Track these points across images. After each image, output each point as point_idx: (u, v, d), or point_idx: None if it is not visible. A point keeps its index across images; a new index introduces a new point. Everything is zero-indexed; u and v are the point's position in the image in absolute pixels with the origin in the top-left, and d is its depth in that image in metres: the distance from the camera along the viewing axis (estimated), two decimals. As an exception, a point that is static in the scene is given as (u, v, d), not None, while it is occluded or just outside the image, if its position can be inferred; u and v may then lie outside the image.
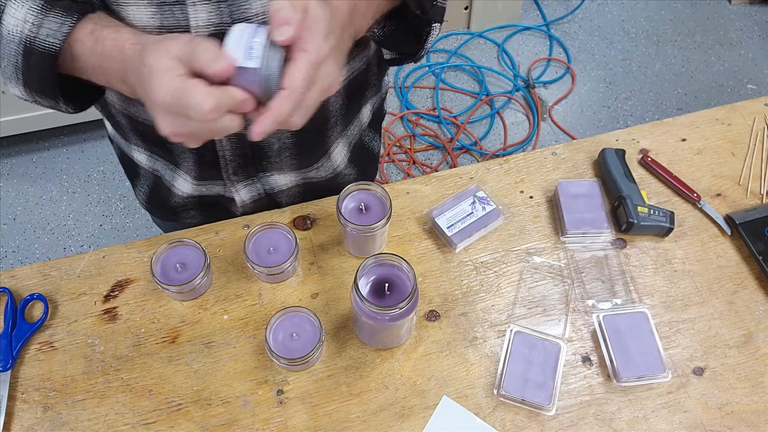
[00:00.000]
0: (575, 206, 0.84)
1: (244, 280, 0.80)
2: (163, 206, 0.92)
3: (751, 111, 0.97)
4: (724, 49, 2.36)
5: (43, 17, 0.60)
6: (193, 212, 0.92)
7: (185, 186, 0.86)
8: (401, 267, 0.69)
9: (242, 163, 0.81)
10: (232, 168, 0.81)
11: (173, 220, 0.95)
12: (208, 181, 0.85)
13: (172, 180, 0.87)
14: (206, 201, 0.89)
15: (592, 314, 0.78)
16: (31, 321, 0.76)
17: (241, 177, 0.83)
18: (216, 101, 0.50)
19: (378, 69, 0.88)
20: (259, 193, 0.87)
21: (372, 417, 0.71)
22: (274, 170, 0.84)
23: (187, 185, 0.86)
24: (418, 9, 0.67)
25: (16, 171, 2.02)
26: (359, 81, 0.83)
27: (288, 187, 0.88)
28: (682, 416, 0.71)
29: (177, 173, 0.85)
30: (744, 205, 0.87)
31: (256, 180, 0.85)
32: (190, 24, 0.62)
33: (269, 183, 0.86)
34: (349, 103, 0.83)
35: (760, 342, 0.77)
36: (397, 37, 0.74)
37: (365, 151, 0.97)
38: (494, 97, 2.21)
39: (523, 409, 0.72)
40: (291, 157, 0.83)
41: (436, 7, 0.70)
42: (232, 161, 0.80)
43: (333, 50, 0.55)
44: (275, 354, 0.70)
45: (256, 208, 0.89)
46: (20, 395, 0.72)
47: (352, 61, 0.79)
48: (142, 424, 0.70)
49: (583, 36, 2.39)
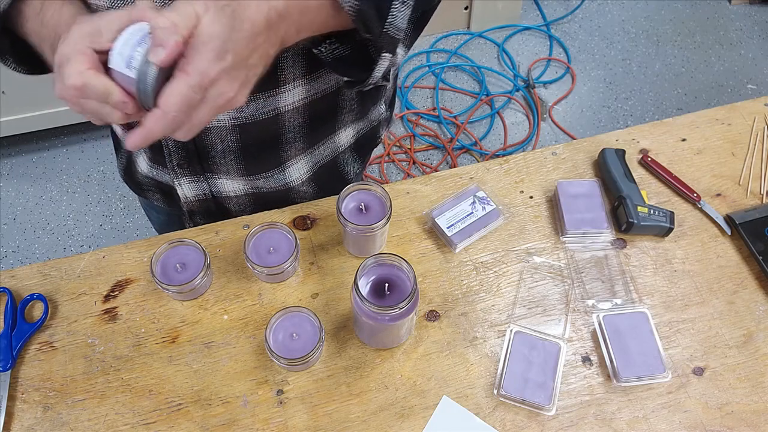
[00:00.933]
0: (575, 206, 0.84)
1: (244, 280, 0.80)
2: (133, 179, 0.94)
3: (751, 111, 0.97)
4: (724, 49, 2.36)
5: None
6: (157, 195, 0.93)
7: (143, 165, 0.88)
8: (401, 267, 0.69)
9: (186, 156, 0.80)
10: (176, 159, 0.81)
11: (143, 196, 0.97)
12: (159, 166, 0.86)
13: (136, 155, 0.89)
14: (162, 187, 0.90)
15: (592, 314, 0.78)
16: (31, 321, 0.76)
17: (186, 171, 0.83)
18: (83, 82, 0.52)
19: (360, 96, 0.85)
20: (204, 193, 0.86)
21: (372, 417, 0.71)
22: (221, 173, 0.84)
23: (144, 164, 0.88)
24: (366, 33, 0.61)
25: (16, 171, 2.02)
26: (327, 102, 0.81)
27: (236, 195, 0.87)
28: (682, 416, 0.71)
29: (138, 150, 0.87)
30: (744, 205, 0.87)
31: (203, 179, 0.84)
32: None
33: (216, 186, 0.86)
34: (312, 122, 0.81)
35: (760, 342, 0.77)
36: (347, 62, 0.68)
37: (336, 173, 0.93)
38: (494, 97, 2.21)
39: (523, 409, 0.72)
40: (236, 161, 0.82)
41: (385, 35, 0.62)
42: (175, 152, 0.80)
43: (229, 69, 0.52)
44: (275, 354, 0.70)
45: (203, 209, 0.88)
46: (20, 395, 0.72)
47: (312, 81, 0.76)
48: (142, 424, 0.70)
49: (583, 36, 2.39)
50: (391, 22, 0.62)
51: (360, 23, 0.59)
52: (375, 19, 0.60)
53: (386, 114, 0.97)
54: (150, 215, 1.11)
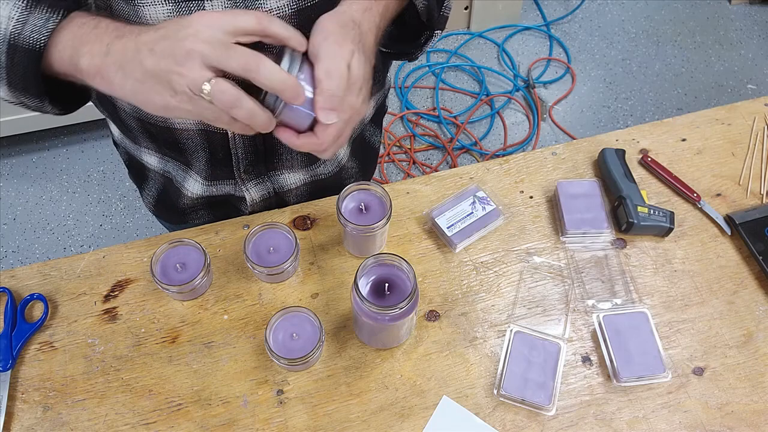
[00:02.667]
0: (575, 206, 0.84)
1: (244, 280, 0.80)
2: (172, 208, 0.92)
3: (751, 111, 0.97)
4: (724, 49, 2.36)
5: (28, 14, 0.60)
6: (201, 212, 0.93)
7: (195, 187, 0.86)
8: (401, 267, 0.69)
9: (254, 160, 0.81)
10: (243, 166, 0.81)
11: (181, 222, 0.96)
12: (220, 180, 0.85)
13: (182, 181, 0.87)
14: (215, 201, 0.89)
15: (592, 314, 0.78)
16: (31, 321, 0.76)
17: (252, 175, 0.84)
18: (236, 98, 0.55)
19: (382, 65, 0.88)
20: (268, 191, 0.87)
21: (372, 417, 0.71)
22: (284, 168, 0.85)
23: (198, 186, 0.86)
24: (425, 18, 0.69)
25: (16, 171, 2.02)
26: None
27: (296, 186, 0.88)
28: (682, 416, 0.71)
29: (188, 174, 0.86)
30: (744, 205, 0.87)
31: (266, 178, 0.85)
32: None
33: (279, 182, 0.86)
34: None
35: (760, 342, 0.77)
36: (395, 38, 0.75)
37: (366, 145, 0.97)
38: (494, 97, 2.21)
39: (523, 409, 0.72)
40: (301, 154, 0.83)
41: (442, 16, 0.71)
42: (244, 159, 0.80)
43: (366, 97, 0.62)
44: (275, 354, 0.70)
45: (265, 207, 0.89)
46: (20, 395, 0.72)
47: None
48: (142, 424, 0.70)
49: (583, 36, 2.39)
50: (447, 4, 0.74)
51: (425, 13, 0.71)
52: (436, 7, 0.72)
53: (390, 81, 1.00)
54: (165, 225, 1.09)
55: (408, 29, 0.76)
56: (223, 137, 0.77)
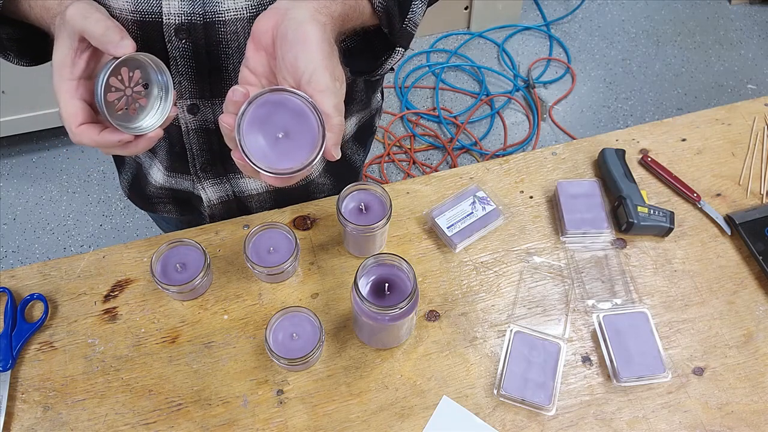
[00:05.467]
0: (575, 206, 0.84)
1: (244, 280, 0.80)
2: (141, 195, 0.93)
3: (751, 111, 0.97)
4: (724, 49, 2.36)
5: None
6: (169, 206, 0.93)
7: (158, 176, 0.87)
8: (401, 267, 0.69)
9: (210, 159, 0.80)
10: (199, 163, 0.81)
11: (151, 211, 0.96)
12: (178, 174, 0.85)
13: (149, 168, 0.88)
14: (179, 196, 0.89)
15: (592, 314, 0.78)
16: (31, 321, 0.76)
17: (209, 174, 0.83)
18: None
19: (365, 85, 0.87)
20: (227, 194, 0.86)
21: (372, 417, 0.71)
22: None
23: (160, 175, 0.86)
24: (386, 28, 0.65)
25: (16, 171, 2.02)
26: None
27: (257, 193, 0.87)
28: (682, 416, 0.71)
29: (153, 162, 0.86)
30: (744, 205, 0.87)
31: (225, 180, 0.84)
32: (163, 11, 0.63)
33: (239, 185, 0.85)
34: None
35: (760, 342, 0.77)
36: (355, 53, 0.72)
37: (345, 163, 0.95)
38: (494, 97, 2.21)
39: (523, 409, 0.72)
40: None
41: (404, 30, 0.67)
42: (199, 156, 0.80)
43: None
44: (275, 354, 0.70)
45: (224, 210, 0.88)
46: (20, 395, 0.72)
47: None
48: (142, 424, 0.70)
49: (583, 36, 2.39)
50: (411, 18, 0.66)
51: (385, 19, 0.64)
52: (397, 15, 0.65)
53: (380, 102, 0.99)
54: (160, 225, 1.10)
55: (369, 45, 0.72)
56: (177, 130, 0.76)
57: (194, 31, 0.65)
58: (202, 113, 0.74)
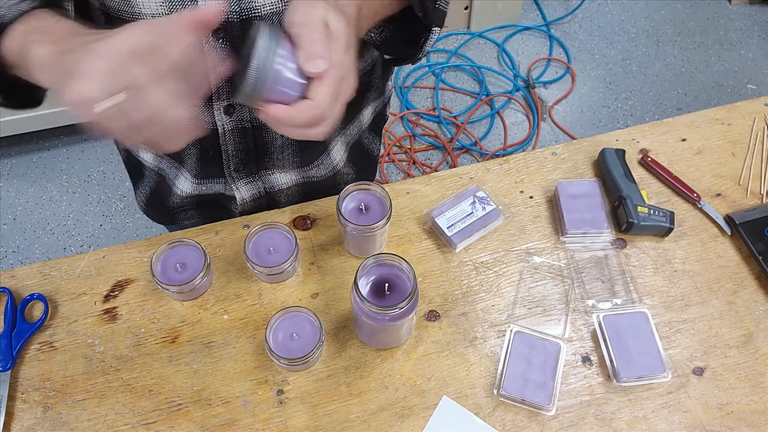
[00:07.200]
0: (575, 206, 0.84)
1: (244, 280, 0.80)
2: (162, 208, 0.92)
3: (751, 111, 0.97)
4: (724, 49, 2.36)
5: None
6: (191, 212, 0.93)
7: (186, 185, 0.86)
8: (401, 267, 0.69)
9: (244, 159, 0.81)
10: (234, 164, 0.81)
11: (171, 223, 0.96)
12: (210, 179, 0.85)
13: (174, 179, 0.87)
14: (205, 200, 0.89)
15: (592, 314, 0.78)
16: (31, 321, 0.76)
17: (242, 174, 0.83)
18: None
19: (382, 72, 0.88)
20: (259, 191, 0.87)
21: (372, 417, 0.71)
22: (275, 168, 0.84)
23: (188, 184, 0.86)
24: (420, 11, 0.67)
25: (16, 171, 2.02)
26: (362, 82, 0.83)
27: (287, 186, 0.88)
28: (682, 416, 0.71)
29: (180, 171, 0.86)
30: (744, 205, 0.87)
31: (257, 178, 0.85)
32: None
33: (270, 181, 0.86)
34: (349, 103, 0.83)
35: (760, 342, 0.77)
36: (394, 41, 0.74)
37: (364, 152, 0.97)
38: (494, 97, 2.21)
39: (523, 409, 0.72)
40: (293, 155, 0.83)
41: (437, 10, 0.69)
42: (234, 157, 0.80)
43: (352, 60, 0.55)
44: (275, 354, 0.70)
45: (255, 207, 0.89)
46: (20, 395, 0.72)
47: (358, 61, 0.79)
48: (142, 424, 0.70)
49: (583, 36, 2.39)
50: None
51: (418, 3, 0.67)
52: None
53: (391, 91, 1.00)
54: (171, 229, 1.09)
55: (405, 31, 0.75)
56: (213, 134, 0.77)
57: (231, 29, 0.65)
58: (237, 113, 0.75)
